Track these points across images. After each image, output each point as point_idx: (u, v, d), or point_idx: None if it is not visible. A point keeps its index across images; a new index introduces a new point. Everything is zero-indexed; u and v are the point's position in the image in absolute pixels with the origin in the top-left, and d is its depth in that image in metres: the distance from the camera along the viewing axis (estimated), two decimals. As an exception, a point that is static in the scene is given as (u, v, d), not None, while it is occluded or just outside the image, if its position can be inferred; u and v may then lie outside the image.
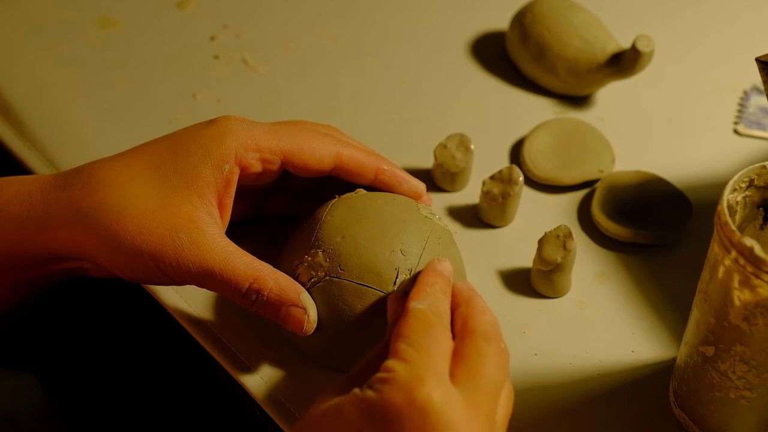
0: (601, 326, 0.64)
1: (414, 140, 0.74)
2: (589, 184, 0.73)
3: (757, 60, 0.61)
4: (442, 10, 0.86)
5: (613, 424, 0.60)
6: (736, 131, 0.77)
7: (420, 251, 0.59)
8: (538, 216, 0.70)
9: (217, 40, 0.82)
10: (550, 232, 0.64)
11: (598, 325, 0.65)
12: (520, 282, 0.66)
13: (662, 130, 0.77)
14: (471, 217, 0.70)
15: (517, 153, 0.74)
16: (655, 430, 0.60)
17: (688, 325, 0.57)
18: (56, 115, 0.76)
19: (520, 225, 0.70)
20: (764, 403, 0.54)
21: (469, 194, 0.71)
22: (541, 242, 0.64)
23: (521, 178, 0.68)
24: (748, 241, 0.49)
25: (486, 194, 0.68)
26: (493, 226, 0.70)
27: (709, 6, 0.87)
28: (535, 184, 0.72)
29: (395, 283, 0.58)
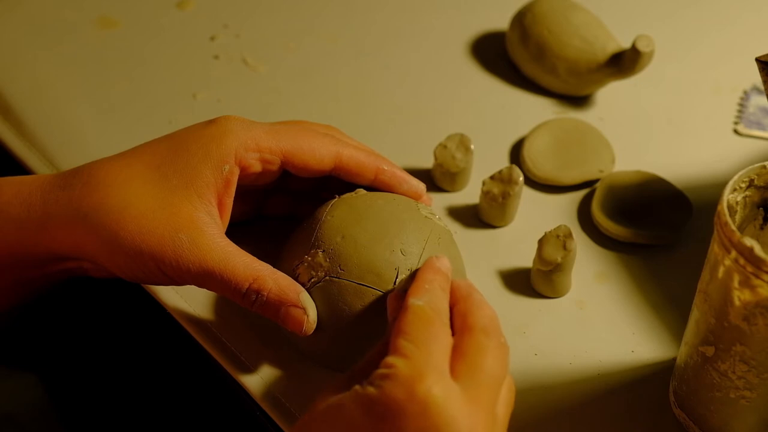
0: (601, 326, 0.64)
1: (414, 140, 0.74)
2: (589, 184, 0.73)
3: (757, 60, 0.61)
4: (442, 10, 0.86)
5: (613, 424, 0.60)
6: (736, 131, 0.77)
7: (420, 251, 0.59)
8: (538, 216, 0.70)
9: (217, 40, 0.82)
10: (550, 232, 0.64)
11: (598, 325, 0.65)
12: (520, 282, 0.66)
13: (662, 130, 0.77)
14: (471, 217, 0.70)
15: (517, 153, 0.74)
16: (655, 430, 0.60)
17: (688, 325, 0.57)
18: (56, 115, 0.76)
19: (520, 225, 0.70)
20: (764, 403, 0.54)
21: (469, 194, 0.71)
22: (541, 242, 0.64)
23: (521, 178, 0.68)
24: (748, 241, 0.49)
25: (486, 194, 0.68)
26: (493, 226, 0.70)
27: (709, 6, 0.87)
28: (535, 184, 0.72)
29: (395, 283, 0.58)
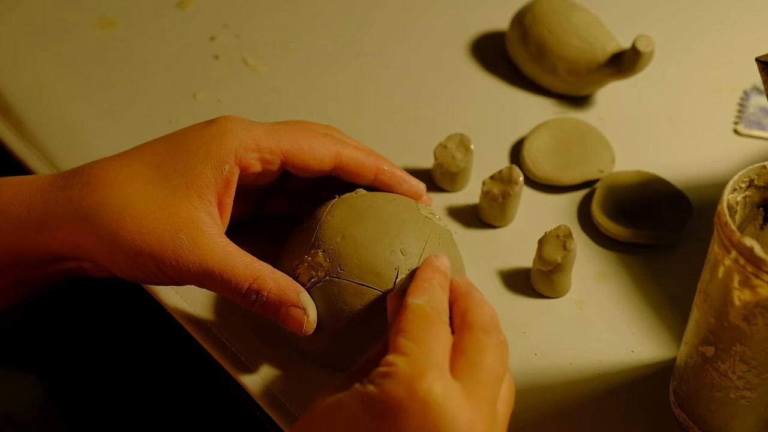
0: (601, 326, 0.64)
1: (414, 140, 0.74)
2: (589, 184, 0.73)
3: (757, 60, 0.60)
4: (442, 10, 0.86)
5: (613, 424, 0.60)
6: (736, 131, 0.77)
7: (420, 251, 0.59)
8: (538, 216, 0.70)
9: (217, 40, 0.82)
10: (550, 232, 0.64)
11: (598, 325, 0.65)
12: (520, 282, 0.66)
13: (662, 130, 0.77)
14: (471, 217, 0.70)
15: (517, 153, 0.74)
16: (655, 430, 0.60)
17: (688, 325, 0.57)
18: (56, 115, 0.76)
19: (520, 225, 0.70)
20: (764, 403, 0.54)
21: (469, 194, 0.71)
22: (541, 242, 0.64)
23: (521, 178, 0.68)
24: (748, 241, 0.49)
25: (486, 194, 0.68)
26: (493, 226, 0.70)
27: (709, 6, 0.87)
28: (535, 184, 0.72)
29: (395, 284, 0.58)
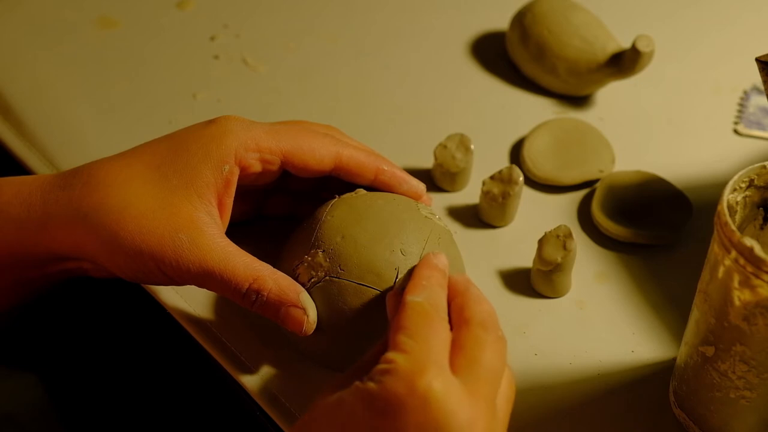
0: (601, 326, 0.64)
1: (414, 140, 0.74)
2: (589, 184, 0.73)
3: (757, 60, 0.60)
4: (442, 10, 0.86)
5: (613, 424, 0.60)
6: (736, 131, 0.77)
7: (420, 251, 0.59)
8: (538, 216, 0.70)
9: (217, 40, 0.82)
10: (550, 232, 0.64)
11: (598, 325, 0.65)
12: (520, 282, 0.66)
13: (662, 130, 0.77)
14: (471, 217, 0.70)
15: (517, 153, 0.74)
16: (655, 430, 0.60)
17: (688, 325, 0.57)
18: (56, 115, 0.76)
19: (520, 225, 0.70)
20: (764, 403, 0.54)
21: (469, 194, 0.71)
22: (541, 242, 0.64)
23: (521, 178, 0.68)
24: (748, 241, 0.49)
25: (486, 194, 0.68)
26: (493, 226, 0.70)
27: (709, 6, 0.87)
28: (535, 184, 0.72)
29: (395, 283, 0.58)
